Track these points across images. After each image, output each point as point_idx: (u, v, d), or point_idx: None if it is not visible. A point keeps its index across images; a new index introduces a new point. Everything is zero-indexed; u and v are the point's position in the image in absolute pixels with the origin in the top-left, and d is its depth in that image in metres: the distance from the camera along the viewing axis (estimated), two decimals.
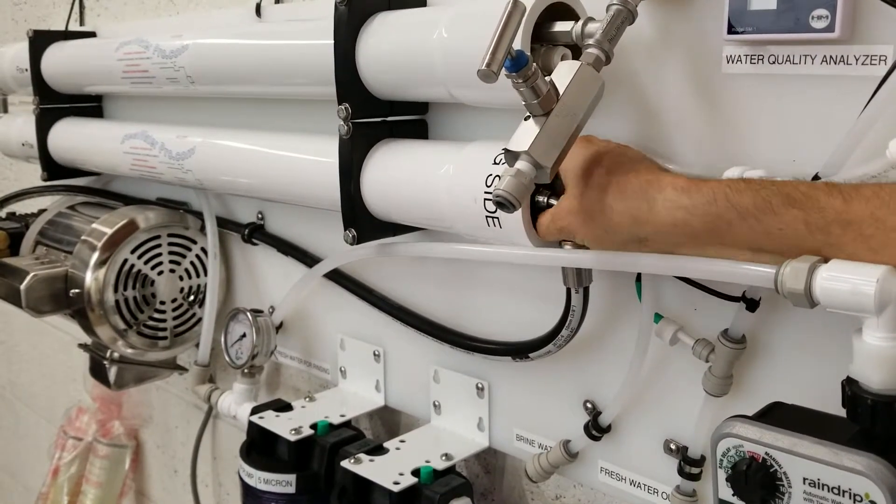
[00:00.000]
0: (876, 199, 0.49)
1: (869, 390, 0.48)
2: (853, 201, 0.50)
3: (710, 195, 0.56)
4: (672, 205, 0.58)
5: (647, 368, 0.74)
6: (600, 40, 0.63)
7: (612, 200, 0.62)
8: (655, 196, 0.59)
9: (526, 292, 0.85)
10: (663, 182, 0.60)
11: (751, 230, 0.54)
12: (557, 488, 0.89)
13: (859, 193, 0.50)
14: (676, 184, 0.59)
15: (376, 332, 1.03)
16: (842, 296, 0.48)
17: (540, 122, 0.60)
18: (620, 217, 0.61)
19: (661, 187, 0.59)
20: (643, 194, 0.60)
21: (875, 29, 0.58)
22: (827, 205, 0.51)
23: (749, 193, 0.54)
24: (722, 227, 0.56)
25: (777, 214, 0.53)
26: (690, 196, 0.57)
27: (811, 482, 0.49)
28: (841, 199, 0.50)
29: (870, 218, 0.49)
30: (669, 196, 0.58)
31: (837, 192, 0.51)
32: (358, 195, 0.84)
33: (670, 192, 0.58)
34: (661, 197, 0.59)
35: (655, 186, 0.60)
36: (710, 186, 0.57)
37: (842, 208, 0.50)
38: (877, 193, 0.49)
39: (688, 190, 0.58)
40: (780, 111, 0.63)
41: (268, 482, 0.96)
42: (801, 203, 0.52)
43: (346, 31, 0.81)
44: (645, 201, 0.60)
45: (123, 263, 1.19)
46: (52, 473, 1.74)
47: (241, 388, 1.15)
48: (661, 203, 0.59)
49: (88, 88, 1.34)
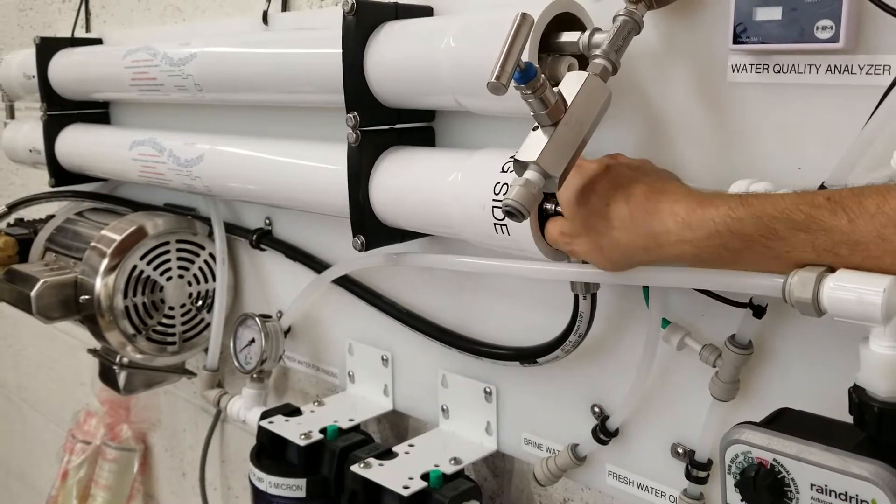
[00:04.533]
0: (881, 216, 0.48)
1: (876, 398, 0.49)
2: (858, 220, 0.49)
3: (713, 227, 0.55)
4: (676, 239, 0.57)
5: (655, 373, 0.75)
6: (607, 51, 0.64)
7: (619, 235, 0.61)
8: (659, 230, 0.58)
9: (533, 298, 0.85)
10: (663, 212, 0.59)
11: (759, 256, 0.54)
12: (565, 492, 0.90)
13: (863, 209, 0.49)
14: (676, 213, 0.58)
15: (384, 337, 1.04)
16: (849, 305, 0.49)
17: (548, 132, 0.60)
18: (628, 250, 0.61)
19: (662, 218, 0.58)
20: (647, 228, 0.59)
21: (879, 39, 0.59)
22: (832, 225, 0.50)
23: (751, 222, 0.53)
24: (729, 256, 0.55)
25: (782, 239, 0.52)
26: (692, 229, 0.56)
27: (819, 488, 0.50)
28: (846, 219, 0.49)
29: (877, 238, 0.48)
30: (672, 230, 0.58)
31: (842, 211, 0.50)
32: (366, 202, 0.85)
33: (672, 226, 0.58)
34: (663, 230, 0.58)
35: (656, 217, 0.59)
36: (711, 216, 0.55)
37: (848, 228, 0.49)
38: (881, 208, 0.48)
39: (689, 222, 0.57)
40: (786, 120, 0.64)
41: (278, 486, 0.97)
42: (806, 226, 0.51)
43: (354, 41, 0.82)
44: (651, 236, 0.59)
45: (133, 269, 1.20)
46: (61, 477, 1.75)
47: (251, 393, 1.16)
48: (665, 237, 0.58)
49: (96, 95, 1.35)
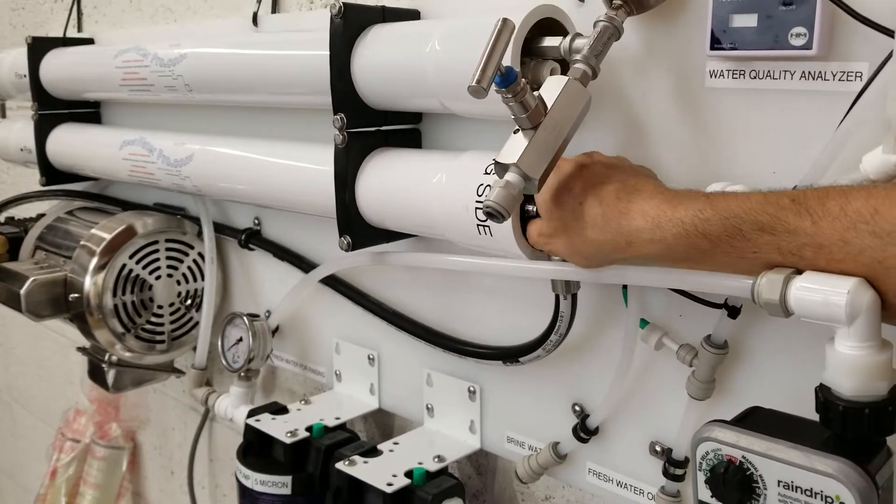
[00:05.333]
0: (843, 219, 0.49)
1: (840, 397, 0.50)
2: (822, 222, 0.50)
3: (681, 227, 0.56)
4: (647, 238, 0.58)
5: (634, 373, 0.77)
6: (587, 56, 0.65)
7: (591, 233, 0.62)
8: (629, 229, 0.60)
9: (517, 298, 0.87)
10: (632, 212, 0.60)
11: (727, 256, 0.55)
12: (547, 489, 0.91)
13: (826, 211, 0.50)
14: (646, 213, 0.59)
15: (371, 337, 1.05)
16: (814, 306, 0.50)
17: (528, 135, 0.62)
18: (601, 248, 0.62)
19: (632, 217, 0.59)
20: (618, 227, 0.60)
21: (851, 46, 0.60)
22: (796, 227, 0.51)
23: (718, 222, 0.54)
24: (698, 256, 0.56)
25: (748, 240, 0.53)
26: (662, 229, 0.57)
27: (785, 484, 0.51)
28: (810, 221, 0.50)
29: (839, 241, 0.49)
30: (643, 229, 0.59)
31: (805, 212, 0.50)
32: (353, 203, 0.86)
33: (642, 225, 0.59)
34: (633, 228, 0.59)
35: (626, 217, 0.60)
36: (680, 217, 0.56)
37: (811, 230, 0.50)
38: (843, 210, 0.49)
39: (659, 223, 0.58)
40: (761, 124, 0.66)
41: (264, 483, 0.98)
42: (771, 227, 0.52)
43: (341, 43, 0.83)
44: (621, 235, 0.60)
45: (122, 268, 1.21)
46: (49, 475, 1.75)
47: (238, 392, 1.17)
48: (636, 236, 0.59)
49: (87, 95, 1.36)
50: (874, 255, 0.48)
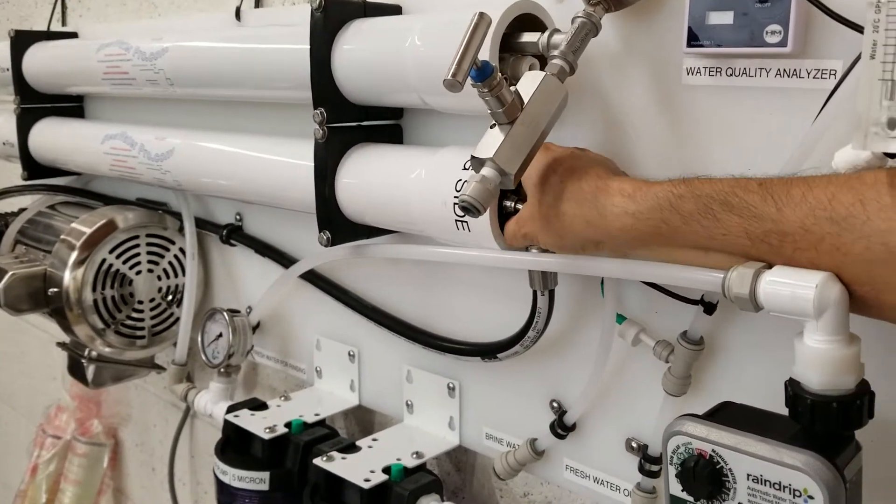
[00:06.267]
0: (804, 205, 0.49)
1: (809, 390, 0.50)
2: (785, 208, 0.50)
3: (655, 201, 0.58)
4: (620, 210, 0.60)
5: (611, 369, 0.77)
6: (565, 51, 0.65)
7: (566, 206, 0.64)
8: (605, 202, 0.61)
9: (495, 294, 0.87)
10: (611, 188, 0.61)
11: (695, 233, 0.56)
12: (525, 486, 0.91)
13: (790, 197, 0.50)
14: (624, 190, 0.60)
15: (351, 333, 1.05)
16: (783, 300, 0.50)
17: (505, 129, 0.62)
18: (573, 222, 0.63)
19: (610, 193, 0.61)
20: (594, 200, 0.62)
21: (825, 44, 0.60)
22: (762, 212, 0.51)
23: (691, 199, 0.55)
24: (667, 231, 0.57)
25: (718, 220, 0.54)
26: (636, 202, 0.59)
27: (754, 478, 0.51)
28: (774, 207, 0.51)
29: (800, 229, 0.50)
30: (617, 202, 0.60)
31: (770, 198, 0.51)
32: (332, 198, 0.86)
33: (618, 199, 0.60)
34: (609, 203, 0.61)
35: (604, 192, 0.61)
36: (655, 192, 0.58)
37: (776, 217, 0.51)
38: (805, 197, 0.50)
39: (633, 196, 0.59)
40: (737, 121, 0.66)
41: (242, 479, 0.98)
42: (740, 210, 0.53)
43: (321, 37, 0.83)
44: (595, 208, 0.61)
45: (102, 263, 1.20)
46: (30, 471, 1.74)
47: (218, 388, 1.16)
48: (609, 209, 0.60)
49: (69, 89, 1.35)
50: (833, 243, 0.49)
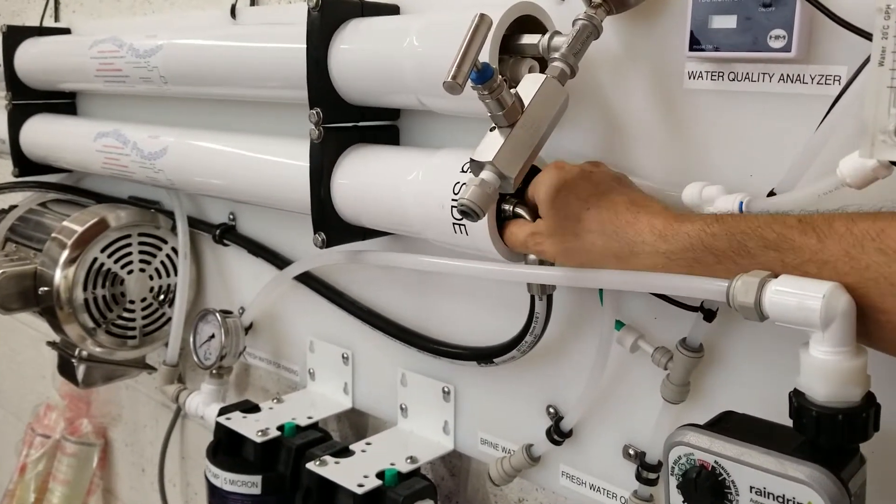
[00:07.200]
0: (849, 237, 0.49)
1: (814, 402, 0.49)
2: (828, 240, 0.50)
3: (687, 241, 0.57)
4: (651, 249, 0.59)
5: (608, 375, 0.76)
6: (566, 54, 0.64)
7: (593, 238, 0.62)
8: (635, 239, 0.60)
9: (492, 298, 0.86)
10: (641, 223, 0.60)
11: (727, 271, 0.55)
12: (520, 492, 0.90)
13: (833, 230, 0.50)
14: (655, 226, 0.59)
15: (345, 335, 1.04)
16: (789, 310, 0.50)
17: (505, 133, 0.61)
18: (602, 255, 0.62)
19: (639, 230, 0.60)
20: (623, 235, 0.61)
21: (830, 50, 0.59)
22: (802, 244, 0.51)
23: (725, 238, 0.55)
24: (700, 270, 0.56)
25: (753, 257, 0.53)
26: (668, 241, 0.58)
27: (757, 490, 0.50)
28: (816, 238, 0.51)
29: (844, 256, 0.49)
30: (648, 240, 0.59)
31: (812, 231, 0.51)
32: (328, 199, 0.85)
33: (649, 236, 0.59)
34: (640, 240, 0.59)
35: (633, 228, 0.60)
36: (686, 231, 0.57)
37: (817, 247, 0.50)
38: (850, 230, 0.49)
39: (664, 235, 0.58)
40: (739, 127, 0.65)
41: (233, 483, 0.97)
42: (777, 244, 0.52)
43: (318, 37, 0.82)
44: (626, 245, 0.60)
45: (93, 262, 1.19)
46: (19, 470, 1.73)
47: (210, 389, 1.15)
48: (640, 247, 0.59)
49: (62, 85, 1.34)
50: (880, 271, 0.48)
